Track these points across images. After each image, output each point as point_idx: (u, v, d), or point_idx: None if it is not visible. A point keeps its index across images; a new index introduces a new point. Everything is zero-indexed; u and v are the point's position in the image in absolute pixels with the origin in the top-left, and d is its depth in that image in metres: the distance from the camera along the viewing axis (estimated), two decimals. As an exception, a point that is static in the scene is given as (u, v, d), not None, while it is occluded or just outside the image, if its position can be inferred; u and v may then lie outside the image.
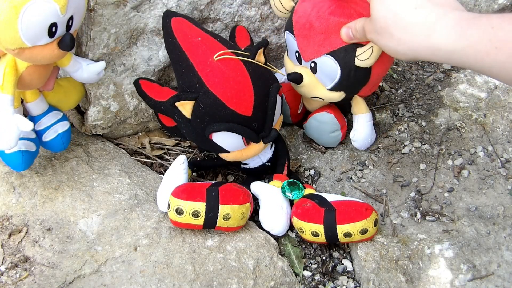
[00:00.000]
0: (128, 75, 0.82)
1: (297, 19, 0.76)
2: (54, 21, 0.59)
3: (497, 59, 0.51)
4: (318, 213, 0.73)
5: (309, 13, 0.74)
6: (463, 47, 0.53)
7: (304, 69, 0.80)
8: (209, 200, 0.70)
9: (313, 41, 0.75)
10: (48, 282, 0.67)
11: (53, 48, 0.62)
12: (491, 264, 0.72)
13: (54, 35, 0.60)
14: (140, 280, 0.68)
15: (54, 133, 0.76)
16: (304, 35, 0.76)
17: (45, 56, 0.62)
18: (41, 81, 0.70)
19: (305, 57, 0.78)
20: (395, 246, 0.76)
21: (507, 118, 0.93)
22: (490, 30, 0.51)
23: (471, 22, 0.53)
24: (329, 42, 0.74)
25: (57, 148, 0.78)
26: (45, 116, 0.76)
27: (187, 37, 0.73)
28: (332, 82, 0.78)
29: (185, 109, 0.71)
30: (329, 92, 0.80)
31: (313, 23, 0.74)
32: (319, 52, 0.75)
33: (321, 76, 0.78)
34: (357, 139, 0.88)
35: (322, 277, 0.77)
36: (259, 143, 0.76)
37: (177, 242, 0.72)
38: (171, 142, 0.94)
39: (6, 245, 0.70)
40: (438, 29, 0.56)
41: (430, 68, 1.09)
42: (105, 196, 0.77)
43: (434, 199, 0.82)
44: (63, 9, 0.59)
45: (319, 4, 0.74)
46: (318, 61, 0.76)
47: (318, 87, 0.80)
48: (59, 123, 0.77)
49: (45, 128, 0.76)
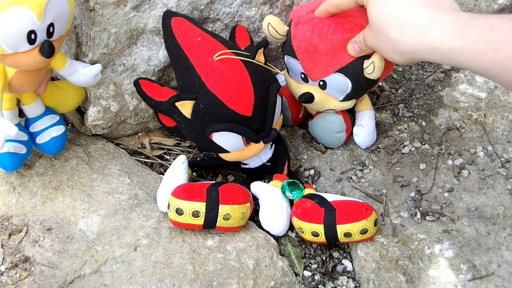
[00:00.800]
0: (128, 75, 0.82)
1: (298, 44, 0.76)
2: (31, 28, 0.59)
3: (495, 60, 0.51)
4: (318, 213, 0.73)
5: (310, 36, 0.74)
6: (460, 47, 0.53)
7: (312, 87, 0.80)
8: (209, 200, 0.70)
9: (320, 63, 0.75)
10: (48, 282, 0.67)
11: (34, 55, 0.62)
12: (491, 264, 0.72)
13: (34, 42, 0.61)
14: (140, 280, 0.68)
15: (48, 137, 0.77)
16: (309, 58, 0.75)
17: (28, 63, 0.63)
18: (33, 85, 0.70)
19: (312, 77, 0.78)
20: (395, 246, 0.76)
21: (507, 118, 0.93)
22: (488, 31, 0.51)
23: (469, 22, 0.53)
24: (336, 61, 0.74)
25: (50, 151, 0.79)
26: (41, 119, 0.77)
27: (187, 37, 0.73)
28: (343, 94, 0.79)
29: (185, 109, 0.71)
30: (341, 102, 0.81)
31: (317, 46, 0.73)
32: (328, 71, 0.75)
33: (331, 91, 0.79)
34: (360, 134, 0.88)
35: (322, 277, 0.77)
36: (259, 143, 0.76)
37: (177, 242, 0.72)
38: (171, 142, 0.94)
39: (6, 245, 0.70)
40: (435, 28, 0.55)
41: (430, 68, 1.09)
42: (105, 196, 0.77)
43: (434, 199, 0.82)
44: (40, 17, 0.59)
45: (318, 25, 0.73)
46: (327, 79, 0.77)
47: (329, 101, 0.81)
48: (54, 127, 0.77)
49: (40, 130, 0.76)
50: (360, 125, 0.88)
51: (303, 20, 0.75)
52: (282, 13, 0.89)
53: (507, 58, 0.50)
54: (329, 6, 0.71)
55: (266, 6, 0.87)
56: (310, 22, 0.74)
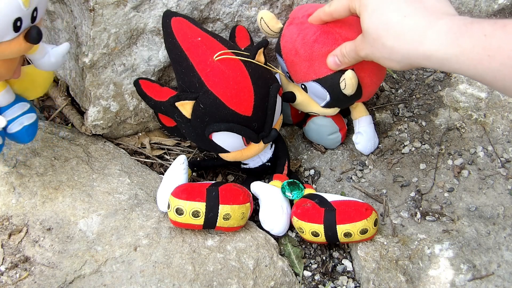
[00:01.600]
0: (128, 75, 0.82)
1: (284, 43, 0.76)
2: (18, 16, 0.57)
3: (490, 67, 0.51)
4: (318, 213, 0.73)
5: (295, 39, 0.74)
6: (456, 55, 0.53)
7: (297, 88, 0.81)
8: (209, 200, 0.70)
9: (299, 67, 0.76)
10: (48, 282, 0.67)
11: (20, 42, 0.60)
12: (491, 264, 0.72)
13: (19, 29, 0.58)
14: (140, 280, 0.68)
15: (19, 126, 0.73)
16: (291, 60, 0.76)
17: (13, 51, 0.60)
18: (10, 72, 0.68)
19: (294, 79, 0.79)
20: (395, 246, 0.76)
21: (507, 118, 0.93)
22: (483, 38, 0.51)
23: (463, 29, 0.53)
24: (313, 70, 0.74)
25: (22, 140, 0.75)
26: (11, 107, 0.73)
27: (187, 37, 0.73)
28: (323, 101, 0.79)
29: (185, 109, 0.71)
30: (323, 108, 0.81)
31: (298, 50, 0.74)
32: (306, 77, 0.76)
33: (312, 96, 0.80)
34: (360, 141, 0.88)
35: (322, 277, 0.77)
36: (259, 143, 0.76)
37: (177, 242, 0.72)
38: (171, 142, 0.94)
39: (6, 245, 0.70)
40: (430, 36, 0.56)
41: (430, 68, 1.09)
42: (105, 196, 0.77)
43: (434, 199, 0.82)
44: (27, 2, 0.56)
45: (305, 30, 0.73)
46: (307, 85, 0.77)
47: (311, 104, 0.82)
48: (25, 115, 0.73)
49: (10, 120, 0.72)
50: (359, 133, 0.88)
51: (296, 21, 0.75)
52: (282, 13, 0.89)
53: (502, 65, 0.50)
54: (323, 14, 0.72)
55: (266, 6, 0.87)
56: (301, 25, 0.74)
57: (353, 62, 0.70)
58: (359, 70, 0.73)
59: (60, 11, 0.82)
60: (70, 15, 0.79)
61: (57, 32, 0.85)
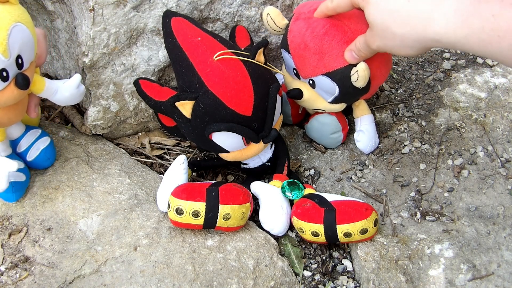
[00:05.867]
0: (128, 75, 0.82)
1: (292, 38, 0.76)
2: (1, 67, 0.59)
3: (500, 46, 0.51)
4: (318, 213, 0.73)
5: (303, 33, 0.74)
6: (465, 36, 0.53)
7: (303, 84, 0.81)
8: (209, 200, 0.70)
9: (308, 62, 0.76)
10: (48, 282, 0.67)
11: (12, 90, 0.62)
12: (491, 264, 0.72)
13: (8, 79, 0.60)
14: (140, 280, 0.68)
15: (37, 151, 0.77)
16: (300, 55, 0.76)
17: (8, 99, 0.62)
18: (21, 115, 0.70)
19: (302, 75, 0.79)
20: (395, 246, 0.76)
21: (507, 118, 0.93)
22: (491, 19, 0.51)
23: (471, 10, 0.53)
24: (323, 63, 0.74)
25: (44, 165, 0.79)
26: (24, 136, 0.76)
27: (187, 37, 0.73)
28: (331, 96, 0.79)
29: (185, 109, 0.71)
30: (330, 104, 0.81)
31: (308, 43, 0.74)
32: (316, 72, 0.76)
33: (320, 92, 0.79)
34: (361, 140, 0.88)
35: (322, 277, 0.77)
36: (259, 143, 0.76)
37: (177, 242, 0.72)
38: (171, 142, 0.94)
39: (6, 245, 0.70)
40: (437, 18, 0.55)
41: (430, 68, 1.08)
42: (105, 196, 0.77)
43: (434, 199, 0.82)
44: (6, 53, 0.58)
45: (313, 24, 0.74)
46: (315, 79, 0.77)
47: (318, 101, 0.81)
48: (39, 140, 0.77)
49: (26, 148, 0.76)
50: (361, 131, 0.88)
51: (303, 16, 0.76)
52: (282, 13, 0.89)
53: None
54: (326, 9, 0.72)
55: (266, 6, 0.86)
56: (308, 20, 0.75)
57: (369, 55, 0.70)
58: (368, 62, 0.73)
59: (60, 11, 0.82)
60: (70, 15, 0.79)
61: (57, 32, 0.85)
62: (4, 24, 0.58)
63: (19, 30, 0.60)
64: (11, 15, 0.59)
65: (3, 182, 0.67)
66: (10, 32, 0.58)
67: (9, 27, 0.58)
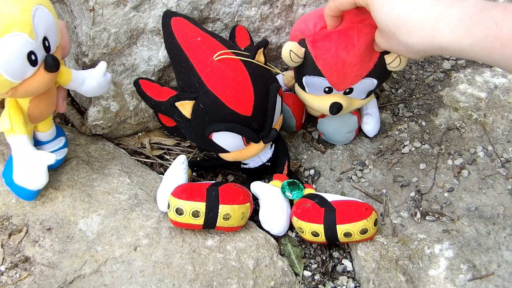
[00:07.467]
0: (128, 75, 0.82)
1: (323, 62, 0.74)
2: (30, 49, 0.57)
3: (504, 53, 0.52)
4: (318, 213, 0.73)
5: (335, 52, 0.73)
6: (469, 44, 0.54)
7: (336, 96, 0.80)
8: (209, 200, 0.70)
9: (349, 75, 0.75)
10: (48, 282, 0.67)
11: (42, 74, 0.60)
12: (491, 264, 0.72)
13: (37, 63, 0.59)
14: (140, 280, 0.68)
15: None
16: (338, 73, 0.75)
17: (39, 85, 0.61)
18: (51, 108, 0.69)
19: (339, 89, 0.79)
20: (395, 246, 0.76)
21: (507, 118, 0.93)
22: (494, 27, 0.51)
23: (474, 19, 0.53)
24: (364, 67, 0.75)
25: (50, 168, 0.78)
26: (50, 142, 0.76)
27: (187, 37, 0.73)
28: (365, 93, 0.81)
29: (185, 109, 0.71)
30: (363, 100, 0.84)
31: (345, 58, 0.73)
32: (357, 79, 0.76)
33: (356, 94, 0.81)
34: (370, 122, 0.90)
35: (322, 277, 0.77)
36: (259, 143, 0.76)
37: (177, 242, 0.72)
38: (171, 142, 0.94)
39: (6, 245, 0.70)
40: (442, 28, 0.56)
41: (430, 68, 1.09)
42: (105, 196, 0.77)
43: (434, 199, 0.82)
44: (32, 34, 0.57)
45: (340, 39, 0.72)
46: (355, 86, 0.78)
47: (353, 103, 0.83)
48: (60, 151, 0.77)
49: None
50: (369, 114, 0.90)
51: (320, 37, 0.73)
52: (282, 13, 0.89)
53: None
54: (329, 11, 0.71)
55: (266, 6, 0.87)
56: (330, 37, 0.73)
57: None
58: None
59: (60, 11, 0.82)
60: (70, 15, 0.79)
61: (57, 32, 0.85)
62: (27, 5, 0.56)
63: (42, 12, 0.59)
64: None
65: (44, 177, 0.65)
66: (34, 13, 0.57)
67: (32, 8, 0.57)
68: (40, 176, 0.66)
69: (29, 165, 0.65)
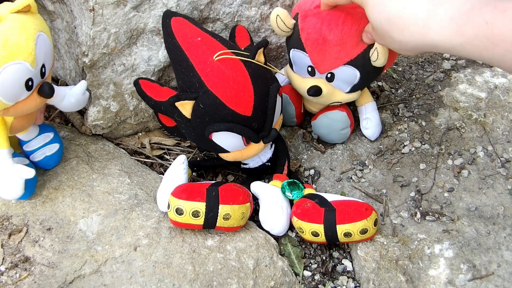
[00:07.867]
0: (128, 75, 0.82)
1: (306, 35, 0.76)
2: (29, 77, 0.60)
3: (495, 52, 0.52)
4: (318, 213, 0.73)
5: (319, 28, 0.74)
6: (460, 44, 0.55)
7: (318, 80, 0.80)
8: (209, 200, 0.70)
9: (329, 54, 0.76)
10: (48, 282, 0.67)
11: (34, 98, 0.63)
12: (491, 264, 0.72)
13: (32, 88, 0.62)
14: (140, 280, 0.68)
15: (41, 156, 0.77)
16: (319, 50, 0.76)
17: (30, 107, 0.64)
18: (32, 121, 0.73)
19: (320, 70, 0.79)
20: (395, 246, 0.76)
21: (507, 118, 0.93)
22: (485, 26, 0.52)
23: (465, 18, 0.54)
24: (345, 52, 0.75)
25: (45, 168, 0.79)
26: (35, 139, 0.77)
27: (187, 37, 0.73)
28: (350, 85, 0.80)
29: (185, 109, 0.71)
30: (347, 94, 0.82)
31: (327, 36, 0.74)
32: (337, 63, 0.76)
33: (338, 83, 0.80)
34: (369, 127, 0.90)
35: (322, 277, 0.77)
36: (259, 143, 0.76)
37: (177, 242, 0.72)
38: (171, 142, 0.94)
39: (6, 245, 0.70)
40: (433, 27, 0.56)
41: (430, 68, 1.09)
42: (105, 196, 0.77)
43: (434, 199, 0.82)
44: (34, 64, 0.60)
45: (327, 17, 0.74)
46: (336, 71, 0.77)
47: (336, 94, 0.82)
48: (47, 146, 0.78)
49: (34, 150, 0.77)
50: (368, 118, 0.90)
51: (311, 13, 0.76)
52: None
53: (506, 51, 0.51)
54: (327, 0, 0.73)
55: (266, 6, 0.87)
56: (319, 15, 0.75)
57: None
58: None
59: (60, 11, 0.82)
60: (70, 15, 0.79)
61: (57, 32, 0.85)
62: (31, 34, 0.59)
63: (43, 39, 0.62)
64: (35, 24, 0.61)
65: (19, 189, 0.68)
66: (36, 42, 0.60)
67: (35, 37, 0.60)
68: (16, 189, 0.68)
69: (7, 178, 0.67)
